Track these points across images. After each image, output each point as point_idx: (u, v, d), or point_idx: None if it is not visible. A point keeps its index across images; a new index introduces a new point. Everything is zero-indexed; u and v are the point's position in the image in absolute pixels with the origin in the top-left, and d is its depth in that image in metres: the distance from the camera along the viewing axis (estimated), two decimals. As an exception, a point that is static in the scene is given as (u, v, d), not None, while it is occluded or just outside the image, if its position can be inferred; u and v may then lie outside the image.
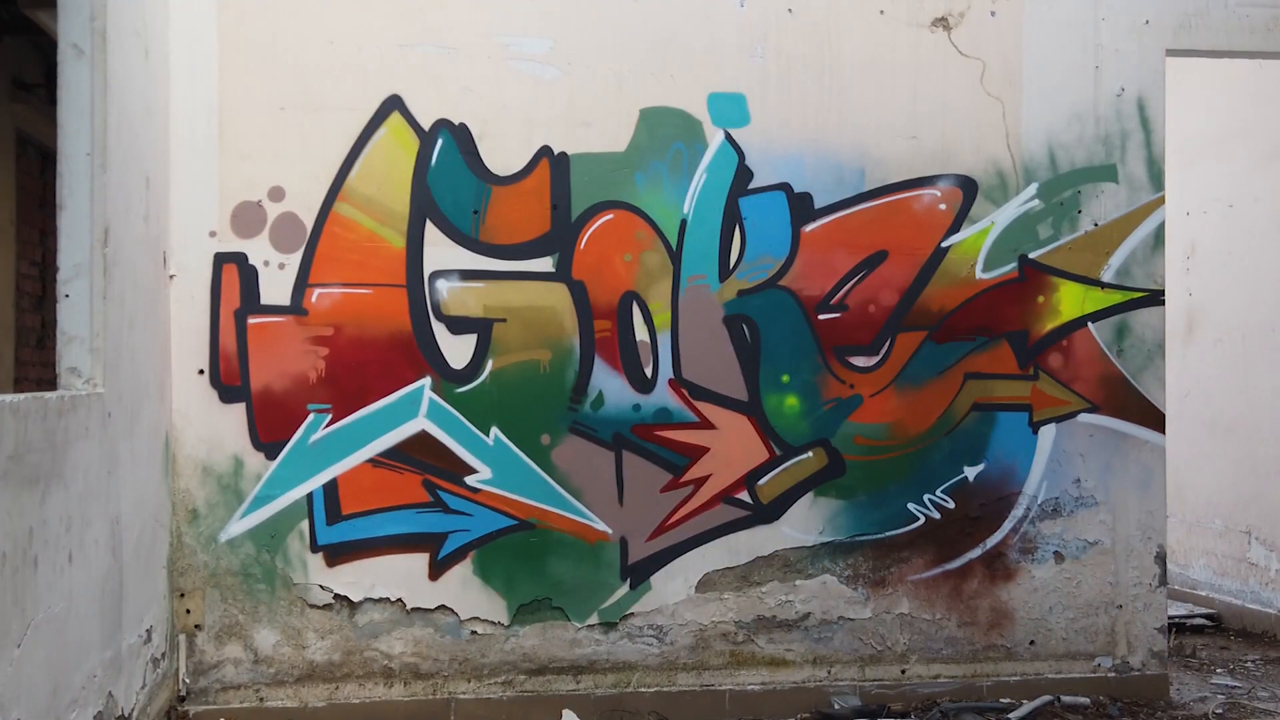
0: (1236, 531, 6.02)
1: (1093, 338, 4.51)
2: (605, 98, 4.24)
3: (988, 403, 4.45)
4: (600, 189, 4.24)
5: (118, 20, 3.32)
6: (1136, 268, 4.53)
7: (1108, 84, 4.51)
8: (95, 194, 3.15)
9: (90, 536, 3.03)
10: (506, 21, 4.20)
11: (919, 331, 4.41)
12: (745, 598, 4.33)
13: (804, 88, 4.36)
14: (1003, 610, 4.47)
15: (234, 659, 4.07)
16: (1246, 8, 4.56)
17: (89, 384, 3.15)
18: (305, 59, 4.09)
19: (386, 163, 4.12)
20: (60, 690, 2.76)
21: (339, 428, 4.09)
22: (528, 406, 4.19)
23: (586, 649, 4.24)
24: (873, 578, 4.40)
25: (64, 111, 3.16)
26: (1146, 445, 4.54)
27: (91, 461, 3.04)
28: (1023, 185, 4.47)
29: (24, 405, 2.52)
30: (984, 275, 4.46)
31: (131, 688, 3.48)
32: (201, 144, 4.05)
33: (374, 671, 4.12)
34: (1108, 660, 4.52)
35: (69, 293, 3.14)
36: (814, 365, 4.35)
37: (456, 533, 4.17)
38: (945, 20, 4.44)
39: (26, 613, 2.52)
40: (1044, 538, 4.49)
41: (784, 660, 4.35)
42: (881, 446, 4.40)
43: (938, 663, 4.43)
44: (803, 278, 4.35)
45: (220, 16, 4.05)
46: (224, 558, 4.06)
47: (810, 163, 4.36)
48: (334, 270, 4.10)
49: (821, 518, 4.37)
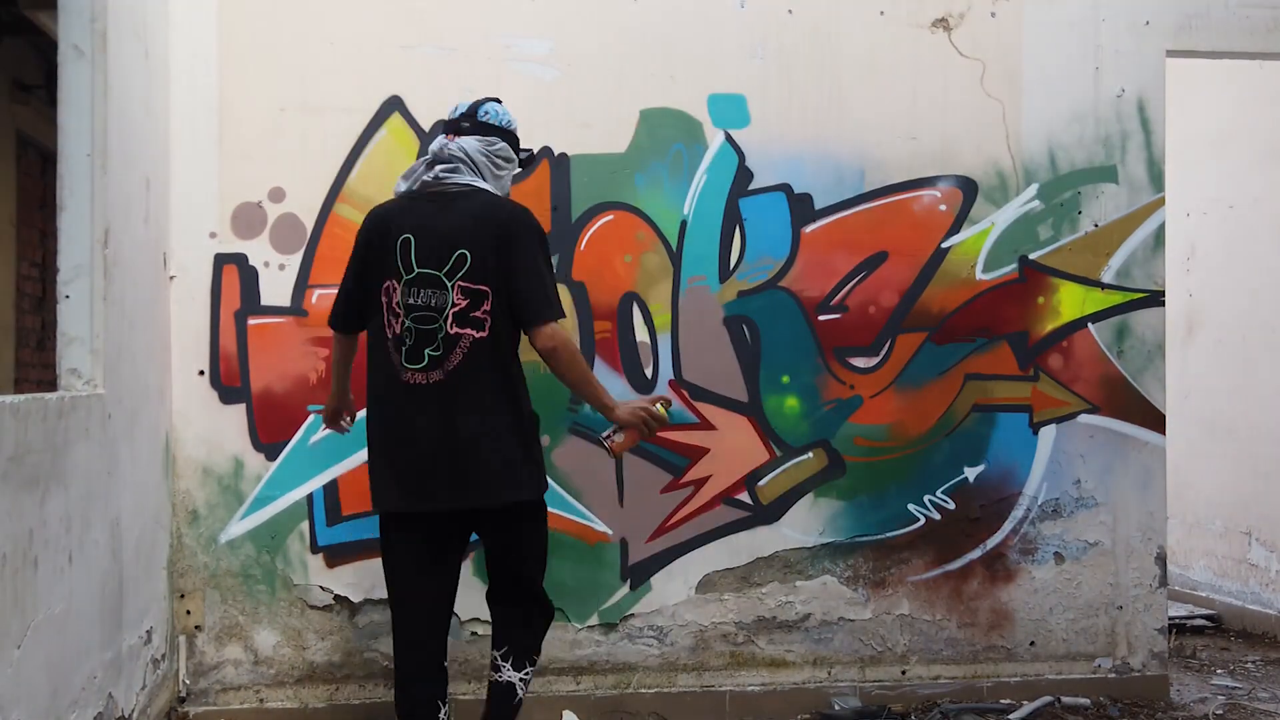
0: (1237, 532, 6.02)
1: (1093, 339, 4.51)
2: (605, 99, 4.24)
3: (988, 404, 4.45)
4: (600, 190, 4.24)
5: (118, 21, 3.33)
6: (1137, 269, 4.53)
7: (1108, 85, 4.51)
8: (95, 195, 3.15)
9: (90, 538, 3.03)
10: (507, 23, 4.20)
11: (919, 332, 4.41)
12: (745, 598, 4.33)
13: (804, 89, 4.36)
14: (1003, 611, 4.47)
15: (234, 660, 4.07)
16: (1247, 9, 4.56)
17: (89, 385, 3.15)
18: (306, 60, 4.10)
19: (387, 164, 4.12)
20: (60, 691, 2.76)
21: (339, 429, 4.09)
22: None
23: (586, 650, 4.24)
24: (873, 579, 4.40)
25: (64, 112, 3.16)
26: (1147, 446, 4.54)
27: (92, 462, 3.05)
28: (1023, 186, 4.47)
29: (24, 406, 2.52)
30: (984, 276, 4.46)
31: (132, 689, 3.48)
32: (201, 145, 4.05)
33: (374, 672, 4.12)
34: (1108, 661, 4.52)
35: (69, 294, 3.14)
36: (814, 366, 4.35)
37: (457, 534, 4.16)
38: (945, 21, 4.45)
39: (26, 614, 2.52)
40: (1044, 539, 4.49)
41: (784, 661, 4.35)
42: (882, 447, 4.40)
43: (938, 664, 4.43)
44: (803, 279, 4.35)
45: (220, 17, 4.05)
46: (224, 559, 4.06)
47: (810, 164, 4.36)
48: (334, 271, 4.08)
49: (822, 519, 4.37)
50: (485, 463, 3.13)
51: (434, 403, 3.12)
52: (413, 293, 3.14)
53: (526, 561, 3.36)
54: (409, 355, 3.14)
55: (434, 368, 3.12)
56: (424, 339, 3.13)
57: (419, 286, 3.14)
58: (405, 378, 3.14)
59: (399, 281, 3.16)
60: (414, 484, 3.15)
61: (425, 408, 3.13)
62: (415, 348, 3.13)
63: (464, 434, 3.11)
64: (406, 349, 3.14)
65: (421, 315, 3.13)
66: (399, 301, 3.15)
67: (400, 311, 3.15)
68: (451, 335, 3.11)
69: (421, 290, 3.14)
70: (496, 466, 3.14)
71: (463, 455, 3.11)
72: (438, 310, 3.12)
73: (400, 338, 3.15)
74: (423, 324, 3.13)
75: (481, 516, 3.26)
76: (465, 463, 3.12)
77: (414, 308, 3.13)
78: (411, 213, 3.18)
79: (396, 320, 3.16)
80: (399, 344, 3.15)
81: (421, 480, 3.14)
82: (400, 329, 3.15)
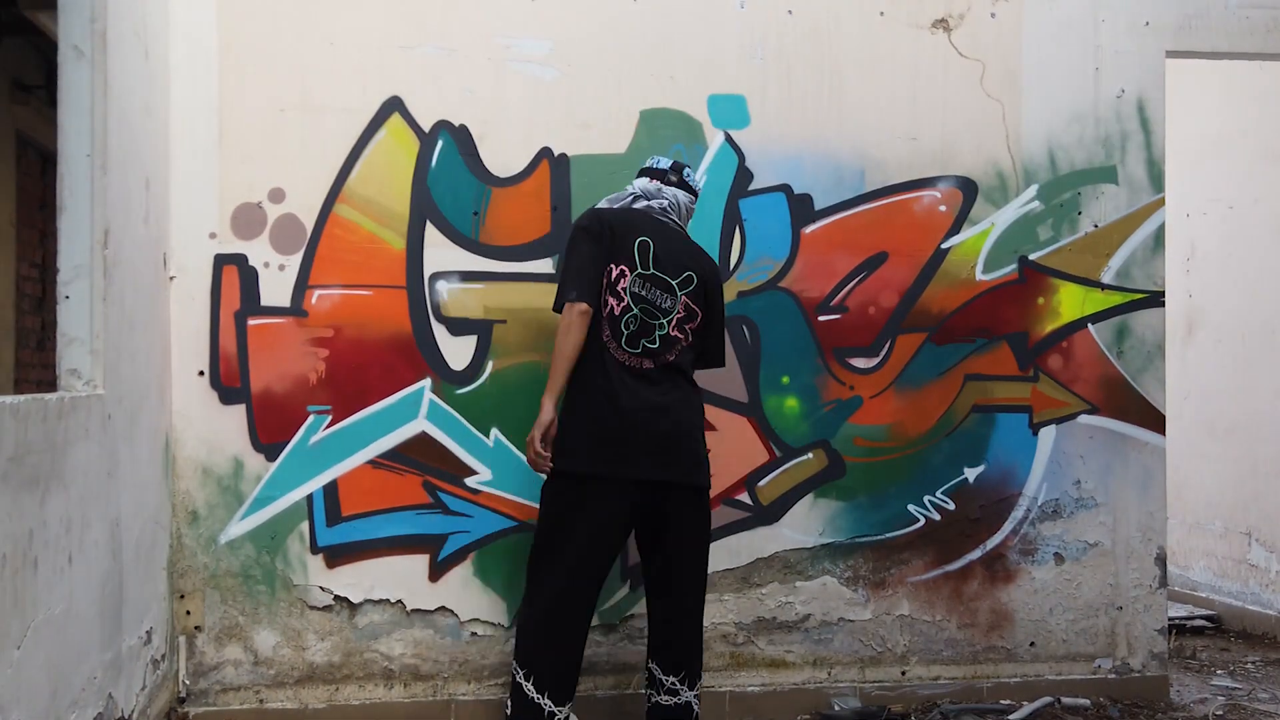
0: (1237, 533, 6.02)
1: (1093, 339, 4.51)
2: (605, 99, 4.24)
3: (988, 404, 4.46)
4: (601, 191, 4.23)
5: (118, 21, 3.32)
6: (1137, 269, 4.53)
7: (1108, 85, 4.52)
8: (95, 196, 3.15)
9: (90, 538, 3.03)
10: (507, 23, 4.20)
11: (919, 333, 4.41)
12: (745, 599, 4.33)
13: (804, 89, 4.36)
14: (1003, 612, 4.47)
15: (234, 660, 4.07)
16: (1247, 9, 4.57)
17: (89, 386, 3.15)
18: (305, 60, 4.09)
19: (387, 164, 4.12)
20: (60, 692, 2.76)
21: (339, 429, 4.09)
22: (528, 408, 4.17)
23: (587, 650, 4.23)
24: (873, 579, 4.40)
25: (64, 113, 3.16)
26: (1147, 446, 4.54)
27: (91, 463, 3.04)
28: (1023, 187, 4.47)
29: (24, 407, 2.52)
30: (984, 277, 4.46)
31: (131, 689, 3.49)
32: (201, 145, 4.05)
33: (374, 673, 4.12)
34: (1108, 662, 4.52)
35: (69, 294, 3.14)
36: (814, 367, 4.35)
37: (457, 534, 4.17)
38: (945, 21, 4.45)
39: (26, 614, 2.52)
40: (1044, 539, 4.49)
41: (784, 662, 4.35)
42: (882, 448, 4.40)
43: (938, 664, 4.43)
44: (803, 279, 4.35)
45: (220, 17, 4.05)
46: (224, 559, 4.06)
47: (810, 164, 4.36)
48: (334, 272, 4.10)
49: (822, 519, 4.37)
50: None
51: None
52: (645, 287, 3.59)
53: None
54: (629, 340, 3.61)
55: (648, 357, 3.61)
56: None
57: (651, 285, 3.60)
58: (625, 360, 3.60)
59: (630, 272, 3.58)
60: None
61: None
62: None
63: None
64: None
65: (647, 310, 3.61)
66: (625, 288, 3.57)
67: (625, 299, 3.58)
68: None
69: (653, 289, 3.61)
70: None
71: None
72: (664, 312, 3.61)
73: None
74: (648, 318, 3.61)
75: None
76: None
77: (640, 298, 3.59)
78: (647, 220, 3.66)
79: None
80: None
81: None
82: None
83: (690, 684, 3.70)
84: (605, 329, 3.54)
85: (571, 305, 3.53)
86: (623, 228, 3.59)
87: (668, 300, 3.59)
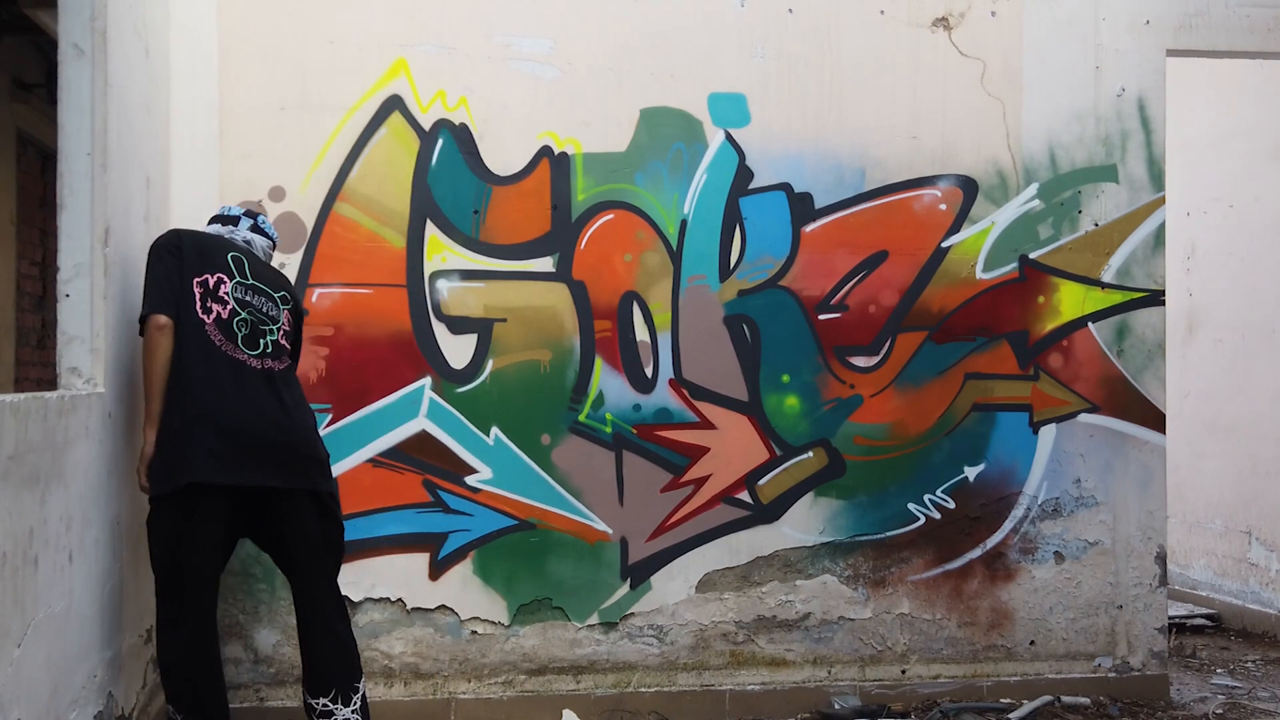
0: (1237, 532, 6.02)
1: (1093, 338, 4.51)
2: (605, 98, 4.24)
3: (988, 403, 4.45)
4: (601, 189, 4.23)
5: (118, 20, 3.33)
6: (1137, 268, 4.53)
7: (1108, 84, 4.51)
8: (96, 194, 3.15)
9: (91, 536, 3.03)
10: (507, 22, 4.20)
11: (919, 332, 4.41)
12: (745, 598, 4.33)
13: (804, 88, 4.36)
14: (1003, 610, 4.47)
15: (234, 659, 4.07)
16: (1247, 8, 4.56)
17: (89, 384, 3.15)
18: (305, 58, 4.09)
19: (387, 163, 4.12)
20: (61, 690, 2.76)
21: (339, 427, 4.09)
22: (528, 406, 4.19)
23: (587, 649, 4.24)
24: (873, 578, 4.40)
25: (64, 111, 3.16)
26: (1147, 445, 4.54)
27: (92, 461, 3.05)
28: (1023, 185, 4.47)
29: (24, 405, 2.52)
30: (984, 275, 4.46)
31: (132, 688, 3.49)
32: (202, 144, 4.05)
33: (374, 671, 4.12)
34: (1108, 660, 4.52)
35: (69, 293, 3.14)
36: (814, 365, 4.35)
37: (457, 532, 4.17)
38: (945, 20, 4.45)
39: (27, 612, 2.52)
40: (1044, 538, 4.49)
41: (784, 660, 4.35)
42: (882, 446, 4.40)
43: (938, 663, 4.43)
44: (803, 278, 4.35)
45: (220, 16, 4.05)
46: (224, 558, 4.05)
47: (810, 163, 4.36)
48: (334, 270, 4.10)
49: (822, 518, 4.37)
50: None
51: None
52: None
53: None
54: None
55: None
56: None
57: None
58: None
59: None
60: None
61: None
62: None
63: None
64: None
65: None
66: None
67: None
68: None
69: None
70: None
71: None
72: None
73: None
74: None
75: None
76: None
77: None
78: (231, 243, 3.54)
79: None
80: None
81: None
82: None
83: (344, 700, 3.44)
84: (216, 333, 3.32)
85: (152, 320, 3.25)
86: (207, 244, 3.44)
87: (274, 309, 3.48)
